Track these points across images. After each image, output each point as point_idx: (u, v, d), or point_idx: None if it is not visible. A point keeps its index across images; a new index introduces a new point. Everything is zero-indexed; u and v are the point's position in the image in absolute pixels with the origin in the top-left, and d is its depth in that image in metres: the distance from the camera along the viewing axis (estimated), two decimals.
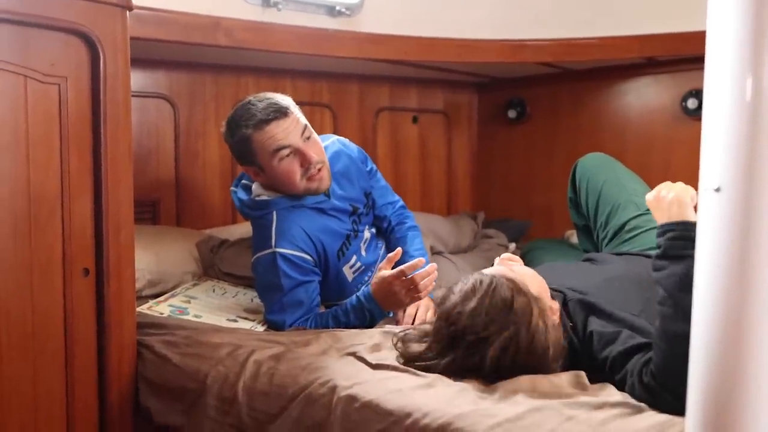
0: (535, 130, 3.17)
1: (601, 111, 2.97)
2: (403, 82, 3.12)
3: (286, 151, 1.81)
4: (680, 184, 1.38)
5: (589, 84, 2.98)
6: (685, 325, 0.95)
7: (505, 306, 1.32)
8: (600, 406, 1.20)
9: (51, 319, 1.55)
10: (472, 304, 1.33)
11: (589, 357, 1.39)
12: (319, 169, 1.86)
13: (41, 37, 1.49)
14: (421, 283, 1.70)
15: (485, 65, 2.83)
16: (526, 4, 2.71)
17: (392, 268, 1.72)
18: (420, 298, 1.75)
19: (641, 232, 1.88)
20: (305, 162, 1.83)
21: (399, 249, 1.79)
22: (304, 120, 1.87)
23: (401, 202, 2.20)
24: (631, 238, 1.88)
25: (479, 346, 1.31)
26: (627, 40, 2.58)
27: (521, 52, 2.69)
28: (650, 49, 2.58)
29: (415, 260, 1.71)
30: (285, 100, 1.86)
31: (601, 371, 1.35)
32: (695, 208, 1.28)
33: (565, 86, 3.05)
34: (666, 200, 1.34)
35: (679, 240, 1.26)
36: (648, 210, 1.88)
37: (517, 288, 1.35)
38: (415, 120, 3.18)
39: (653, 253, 1.73)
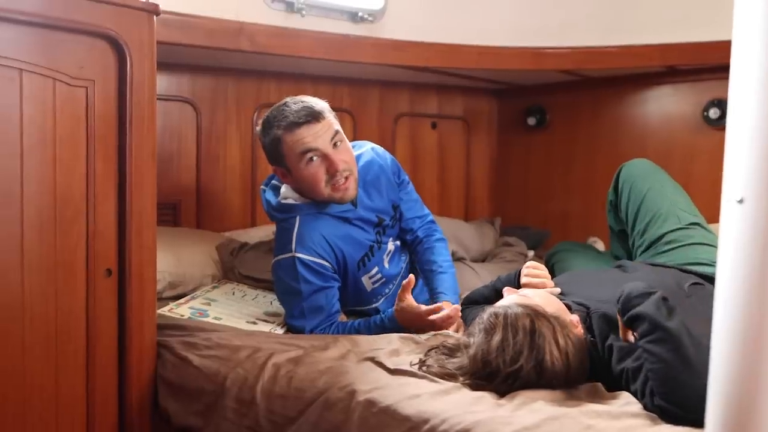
0: (554, 138, 3.16)
1: (621, 120, 2.96)
2: (423, 88, 3.13)
3: (313, 155, 1.82)
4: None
5: (609, 92, 2.97)
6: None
7: (528, 333, 1.32)
8: (618, 416, 1.19)
9: (74, 319, 1.57)
10: (497, 339, 1.33)
11: (608, 370, 1.38)
12: (346, 178, 1.86)
13: (70, 40, 1.51)
14: (446, 325, 1.73)
15: (505, 72, 2.83)
16: (548, 12, 2.71)
17: (419, 278, 1.74)
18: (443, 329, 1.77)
19: (678, 247, 1.85)
20: (331, 168, 1.83)
21: (411, 276, 1.79)
22: (337, 126, 1.87)
23: (431, 217, 2.18)
24: (667, 251, 1.85)
25: (516, 376, 1.32)
26: (648, 48, 2.58)
27: (542, 59, 2.69)
28: (671, 57, 2.57)
29: (451, 309, 1.74)
30: (320, 104, 1.87)
31: (618, 383, 1.34)
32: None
33: (585, 94, 3.05)
34: None
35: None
36: (689, 225, 1.86)
37: (534, 312, 1.36)
38: (434, 126, 3.19)
39: (690, 268, 1.73)
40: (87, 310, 1.59)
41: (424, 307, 1.74)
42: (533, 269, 1.74)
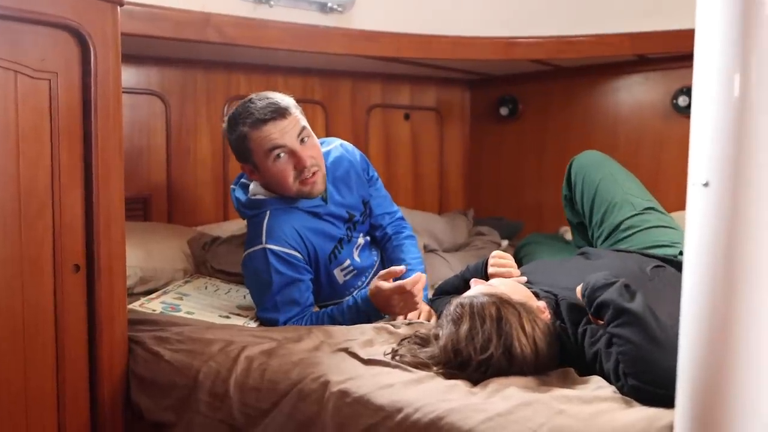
0: (526, 128, 3.18)
1: (593, 108, 2.98)
2: (396, 79, 3.12)
3: (280, 152, 1.81)
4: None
5: (581, 81, 2.99)
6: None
7: (495, 320, 1.34)
8: (590, 400, 1.20)
9: (41, 314, 1.55)
10: (465, 328, 1.35)
11: (580, 355, 1.40)
12: (314, 173, 1.86)
13: (31, 32, 1.48)
14: (416, 291, 1.71)
15: (478, 62, 2.84)
16: (519, 2, 2.71)
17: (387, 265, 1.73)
18: (416, 308, 1.76)
19: (636, 232, 1.88)
20: (299, 164, 1.83)
21: (404, 267, 1.78)
22: (304, 122, 1.86)
23: (400, 213, 2.18)
24: (626, 237, 1.89)
25: (487, 364, 1.32)
26: (618, 37, 2.60)
27: (514, 49, 2.69)
28: (642, 46, 2.59)
29: (415, 275, 1.73)
30: (285, 100, 1.86)
31: (591, 367, 1.35)
32: None
33: (556, 84, 3.06)
34: None
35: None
36: (644, 210, 1.90)
37: (500, 300, 1.38)
38: (407, 117, 3.18)
39: (651, 252, 1.76)
40: (55, 304, 1.56)
41: (389, 285, 1.72)
42: (499, 258, 1.75)
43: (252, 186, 1.94)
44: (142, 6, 2.02)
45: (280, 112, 1.81)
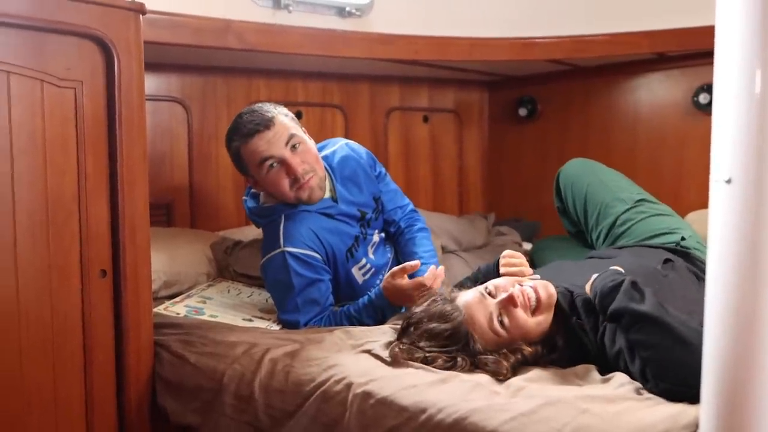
0: (545, 128, 3.17)
1: (612, 108, 2.96)
2: (414, 81, 3.13)
3: (271, 162, 1.84)
4: None
5: (600, 81, 2.98)
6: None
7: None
8: (613, 399, 1.20)
9: (70, 320, 1.57)
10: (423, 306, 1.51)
11: (601, 352, 1.40)
12: (309, 179, 1.87)
13: (57, 41, 1.51)
14: (435, 287, 1.71)
15: (495, 63, 2.84)
16: (536, 2, 2.71)
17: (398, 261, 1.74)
18: None
19: (634, 224, 1.91)
20: (290, 172, 1.85)
21: (418, 262, 1.78)
22: (293, 129, 1.88)
23: (411, 206, 2.20)
24: (624, 231, 1.92)
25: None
26: (637, 36, 2.58)
27: (531, 49, 2.69)
28: (661, 44, 2.57)
29: (431, 271, 1.73)
30: (271, 111, 1.88)
31: (614, 364, 1.35)
32: None
33: (575, 83, 3.05)
34: None
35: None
36: (636, 203, 1.92)
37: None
38: (426, 119, 3.19)
39: (652, 242, 1.77)
40: (83, 311, 1.59)
41: (407, 282, 1.73)
42: (510, 258, 1.75)
43: (261, 195, 1.98)
44: (164, 14, 2.04)
45: (265, 124, 1.84)
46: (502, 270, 1.72)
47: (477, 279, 1.78)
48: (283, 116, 1.88)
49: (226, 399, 1.54)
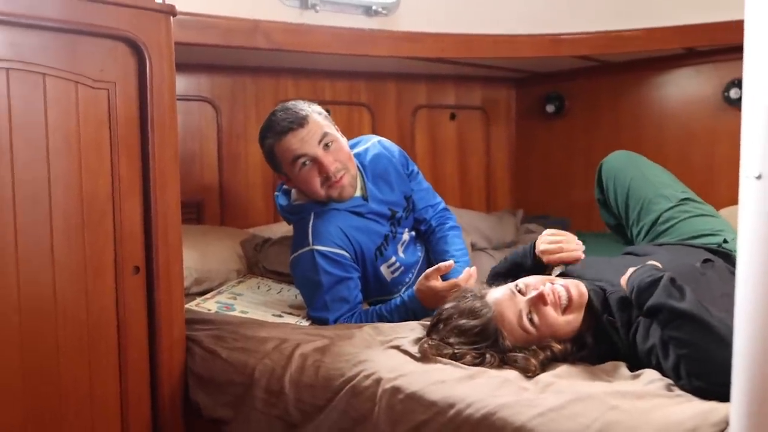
0: (574, 125, 3.15)
1: (641, 104, 2.94)
2: (441, 79, 3.13)
3: (304, 160, 1.86)
4: None
5: (629, 76, 2.95)
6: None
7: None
8: (643, 395, 1.20)
9: (104, 317, 1.61)
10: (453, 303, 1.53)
11: (631, 349, 1.39)
12: (341, 177, 1.89)
13: (90, 43, 1.55)
14: (468, 286, 1.71)
15: (522, 60, 2.83)
16: None
17: (430, 265, 1.75)
18: None
19: (676, 223, 1.87)
20: (322, 170, 1.86)
21: (452, 262, 1.79)
22: (327, 127, 1.89)
23: (443, 204, 2.20)
24: (666, 230, 1.88)
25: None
26: (666, 31, 2.55)
27: (558, 46, 2.68)
28: (690, 39, 2.54)
29: (466, 272, 1.74)
30: (305, 109, 1.89)
31: (645, 361, 1.35)
32: None
33: (603, 79, 3.03)
34: None
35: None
36: (680, 201, 1.88)
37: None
38: (452, 117, 3.19)
39: (695, 243, 1.75)
40: (117, 308, 1.63)
41: (441, 284, 1.74)
42: (551, 236, 1.73)
43: (293, 191, 2.00)
44: (193, 15, 2.07)
45: (299, 122, 1.85)
46: (540, 248, 1.70)
47: (515, 261, 1.77)
48: (316, 114, 1.89)
49: (257, 393, 1.56)
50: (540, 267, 1.72)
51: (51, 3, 1.47)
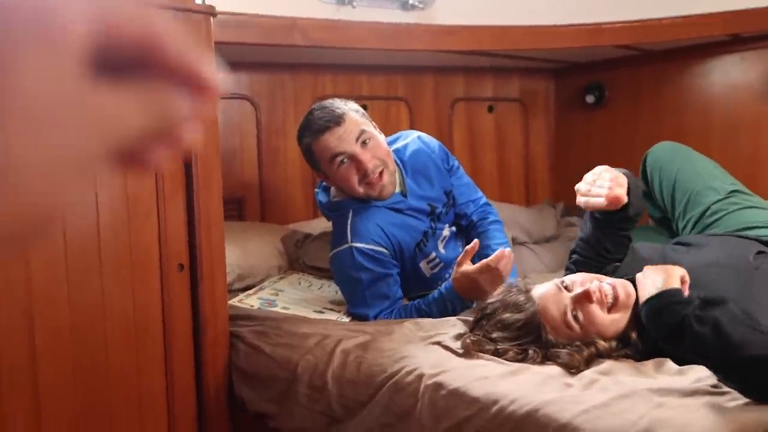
0: (615, 115, 3.10)
1: (684, 92, 2.88)
2: (478, 71, 3.11)
3: (341, 158, 1.86)
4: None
5: (671, 65, 2.89)
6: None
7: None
8: (690, 393, 1.18)
9: (150, 313, 1.65)
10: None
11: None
12: (380, 173, 1.89)
13: None
14: (501, 268, 1.69)
15: (561, 51, 2.79)
16: None
17: (472, 262, 1.74)
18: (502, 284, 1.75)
19: (725, 215, 1.82)
20: (361, 168, 1.87)
21: (476, 241, 1.77)
22: (364, 124, 1.89)
23: (484, 199, 2.18)
24: (714, 221, 1.83)
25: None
26: (710, 17, 2.50)
27: (598, 35, 2.64)
28: (735, 25, 2.48)
29: (498, 251, 1.72)
30: (342, 107, 1.90)
31: (692, 358, 1.33)
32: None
33: (645, 68, 2.97)
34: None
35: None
36: (729, 194, 1.84)
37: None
38: (490, 109, 3.17)
39: (747, 234, 1.70)
40: (162, 304, 1.66)
41: (472, 267, 1.72)
42: (590, 174, 1.68)
43: (332, 188, 2.01)
44: (232, 14, 2.09)
45: (336, 120, 1.86)
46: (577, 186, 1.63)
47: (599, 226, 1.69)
48: (353, 112, 1.90)
49: (300, 389, 1.58)
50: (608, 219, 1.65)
51: None
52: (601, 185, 1.60)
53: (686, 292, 1.34)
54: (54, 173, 0.27)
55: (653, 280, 1.37)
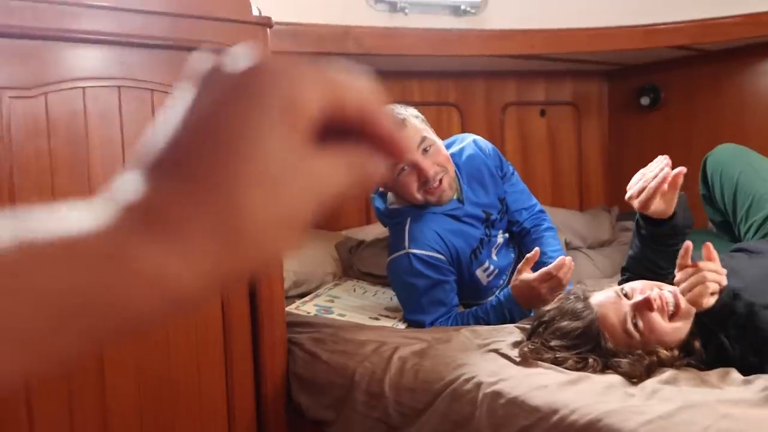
0: (670, 117, 3.04)
1: (744, 93, 2.80)
2: (530, 75, 3.09)
3: (402, 166, 1.86)
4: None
5: (730, 65, 2.82)
6: None
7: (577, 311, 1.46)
8: (758, 403, 1.15)
9: (211, 318, 1.68)
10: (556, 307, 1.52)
11: (743, 355, 1.34)
12: (440, 181, 1.89)
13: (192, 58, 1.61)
14: (562, 276, 1.69)
15: (615, 53, 2.75)
16: None
17: (532, 269, 1.73)
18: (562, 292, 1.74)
19: None
20: (422, 175, 1.87)
21: (537, 249, 1.77)
22: (424, 131, 1.89)
23: (539, 206, 2.16)
24: None
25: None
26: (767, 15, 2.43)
27: (654, 36, 2.59)
28: None
29: (559, 258, 1.71)
30: (402, 113, 1.90)
31: (756, 366, 1.30)
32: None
33: (702, 69, 2.91)
34: None
35: None
36: None
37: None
38: (543, 113, 3.14)
39: None
40: (222, 310, 1.69)
41: (533, 275, 1.72)
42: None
43: (389, 195, 2.02)
44: (287, 24, 2.12)
45: (397, 125, 1.84)
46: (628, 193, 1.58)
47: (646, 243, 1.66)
48: (413, 118, 1.90)
49: (358, 396, 1.59)
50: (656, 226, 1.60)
51: (158, 22, 1.54)
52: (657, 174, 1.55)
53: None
54: (278, 230, 0.31)
55: None
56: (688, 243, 1.39)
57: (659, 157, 1.56)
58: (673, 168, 1.54)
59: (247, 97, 0.30)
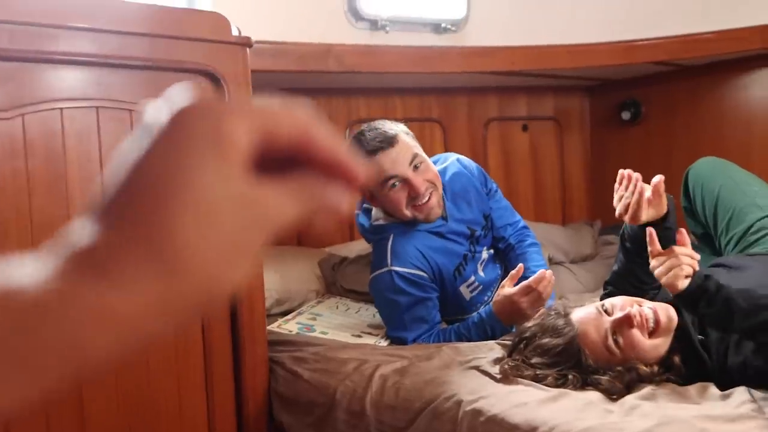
0: (651, 132, 3.06)
1: (723, 108, 2.84)
2: (512, 91, 3.11)
3: (394, 181, 1.86)
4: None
5: (708, 80, 2.85)
6: None
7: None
8: (734, 418, 1.16)
9: (191, 338, 1.67)
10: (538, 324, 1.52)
11: (723, 365, 1.35)
12: (430, 195, 1.89)
13: (172, 79, 1.61)
14: (542, 289, 1.69)
15: (596, 69, 2.78)
16: (636, 3, 2.64)
17: (515, 285, 1.74)
18: (543, 306, 1.75)
19: None
20: (413, 192, 1.87)
21: (521, 266, 1.78)
22: (415, 147, 1.90)
23: (522, 223, 2.17)
24: (758, 240, 1.79)
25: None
26: (746, 31, 2.47)
27: (634, 52, 2.62)
28: None
29: (539, 273, 1.72)
30: (393, 128, 1.90)
31: (740, 375, 1.30)
32: None
33: (681, 84, 2.94)
34: None
35: None
36: None
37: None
38: (525, 128, 3.16)
39: None
40: (203, 330, 1.68)
41: (513, 289, 1.73)
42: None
43: (374, 211, 2.01)
44: (268, 43, 2.13)
45: (389, 141, 1.85)
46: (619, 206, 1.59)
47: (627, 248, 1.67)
48: (404, 134, 1.90)
49: (339, 415, 1.59)
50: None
51: (137, 42, 1.54)
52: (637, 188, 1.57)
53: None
54: (219, 258, 0.31)
55: None
56: (651, 229, 1.41)
57: (618, 175, 1.58)
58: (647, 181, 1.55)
59: (177, 136, 0.32)
